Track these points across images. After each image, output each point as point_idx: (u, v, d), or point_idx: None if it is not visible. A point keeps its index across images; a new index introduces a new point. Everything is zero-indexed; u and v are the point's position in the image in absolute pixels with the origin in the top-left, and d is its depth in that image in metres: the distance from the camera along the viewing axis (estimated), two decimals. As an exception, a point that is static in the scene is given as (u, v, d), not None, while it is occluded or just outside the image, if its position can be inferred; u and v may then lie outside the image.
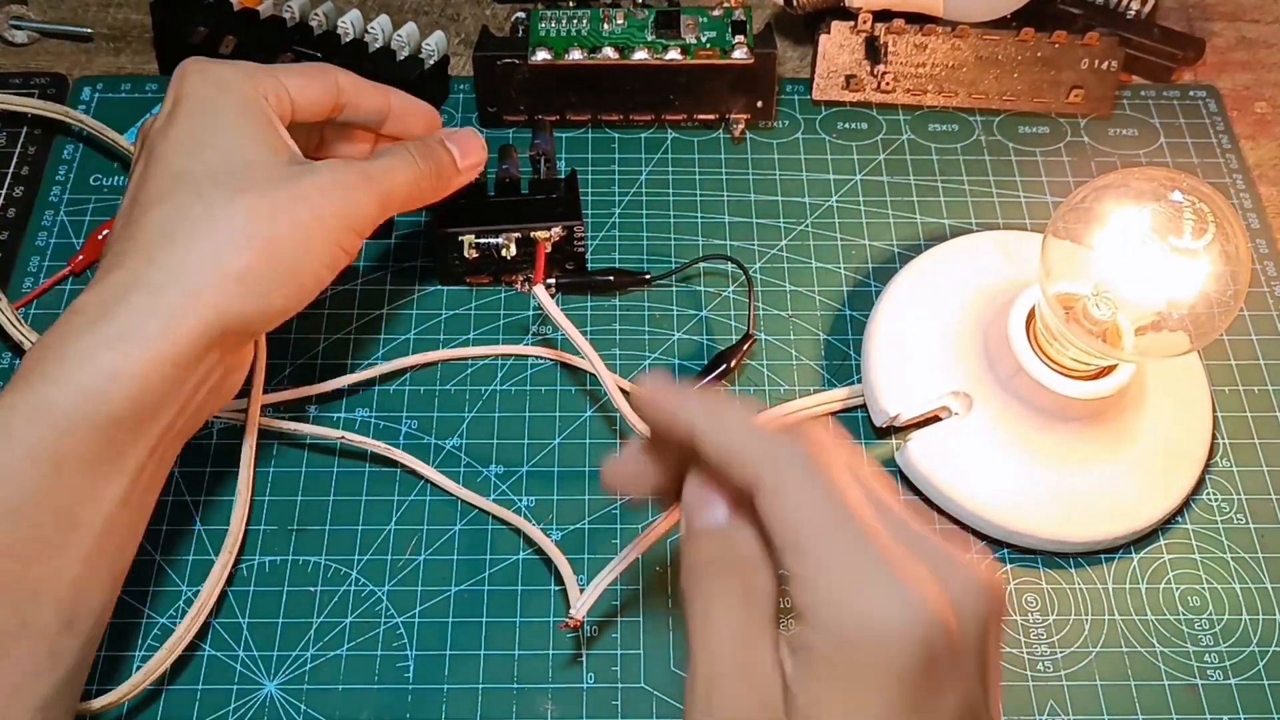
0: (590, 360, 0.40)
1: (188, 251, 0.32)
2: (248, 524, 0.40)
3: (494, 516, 0.41)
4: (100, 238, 0.47)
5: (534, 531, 0.40)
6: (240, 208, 0.33)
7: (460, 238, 0.44)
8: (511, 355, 0.45)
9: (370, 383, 0.44)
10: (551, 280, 0.45)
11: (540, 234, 0.44)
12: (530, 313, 0.46)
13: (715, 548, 0.27)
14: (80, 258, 0.47)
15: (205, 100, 0.35)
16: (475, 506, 0.41)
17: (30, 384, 0.30)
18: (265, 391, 0.42)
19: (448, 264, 0.45)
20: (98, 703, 0.36)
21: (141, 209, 0.34)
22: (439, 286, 0.47)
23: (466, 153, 0.40)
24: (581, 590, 0.38)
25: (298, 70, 0.38)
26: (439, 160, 0.39)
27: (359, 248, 0.37)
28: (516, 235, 0.44)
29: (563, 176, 0.46)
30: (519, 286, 0.42)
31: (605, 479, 0.30)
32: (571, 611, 0.36)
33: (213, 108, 0.35)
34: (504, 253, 0.44)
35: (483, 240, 0.44)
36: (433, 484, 0.42)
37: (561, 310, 0.46)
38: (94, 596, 0.32)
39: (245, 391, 0.41)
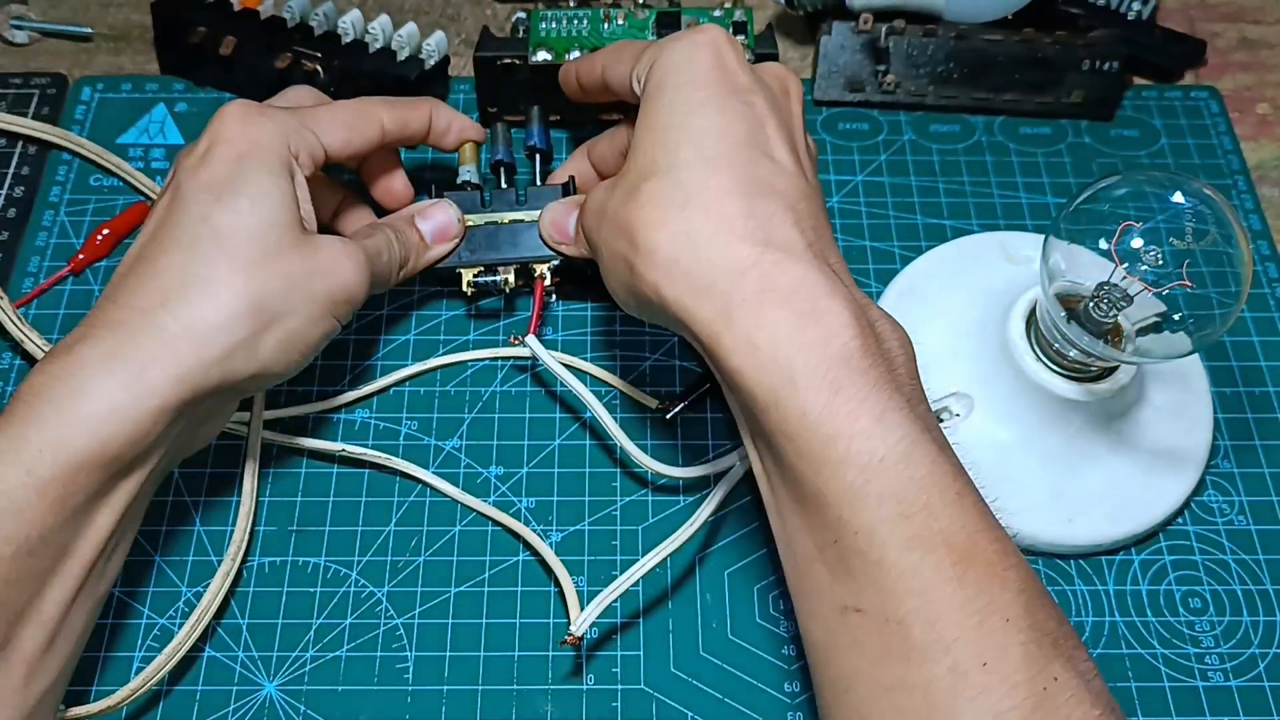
0: (592, 406, 0.39)
1: (202, 306, 0.33)
2: (252, 527, 0.40)
3: (493, 520, 0.41)
4: (99, 239, 0.47)
5: (534, 539, 0.40)
6: (259, 274, 0.34)
7: (458, 270, 0.43)
8: (512, 357, 0.45)
9: (370, 392, 0.44)
10: (551, 285, 0.44)
11: (540, 266, 0.43)
12: (529, 314, 0.45)
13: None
14: (80, 257, 0.47)
15: (239, 151, 0.35)
16: (475, 510, 0.41)
17: (44, 416, 0.31)
18: (266, 404, 0.42)
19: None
20: (97, 706, 0.36)
21: (161, 246, 0.34)
22: (440, 287, 0.47)
23: (438, 235, 0.42)
24: (581, 604, 0.37)
25: (341, 122, 0.39)
26: (410, 242, 0.41)
27: (350, 319, 0.38)
28: (515, 267, 0.43)
29: (561, 182, 0.45)
30: (511, 340, 0.41)
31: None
32: (572, 628, 0.36)
33: (244, 161, 0.35)
34: (504, 286, 0.43)
35: (481, 279, 0.43)
36: (433, 489, 0.42)
37: (562, 312, 0.46)
38: (77, 620, 0.32)
39: (246, 405, 0.41)
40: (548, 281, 0.43)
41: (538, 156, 0.46)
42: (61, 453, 0.30)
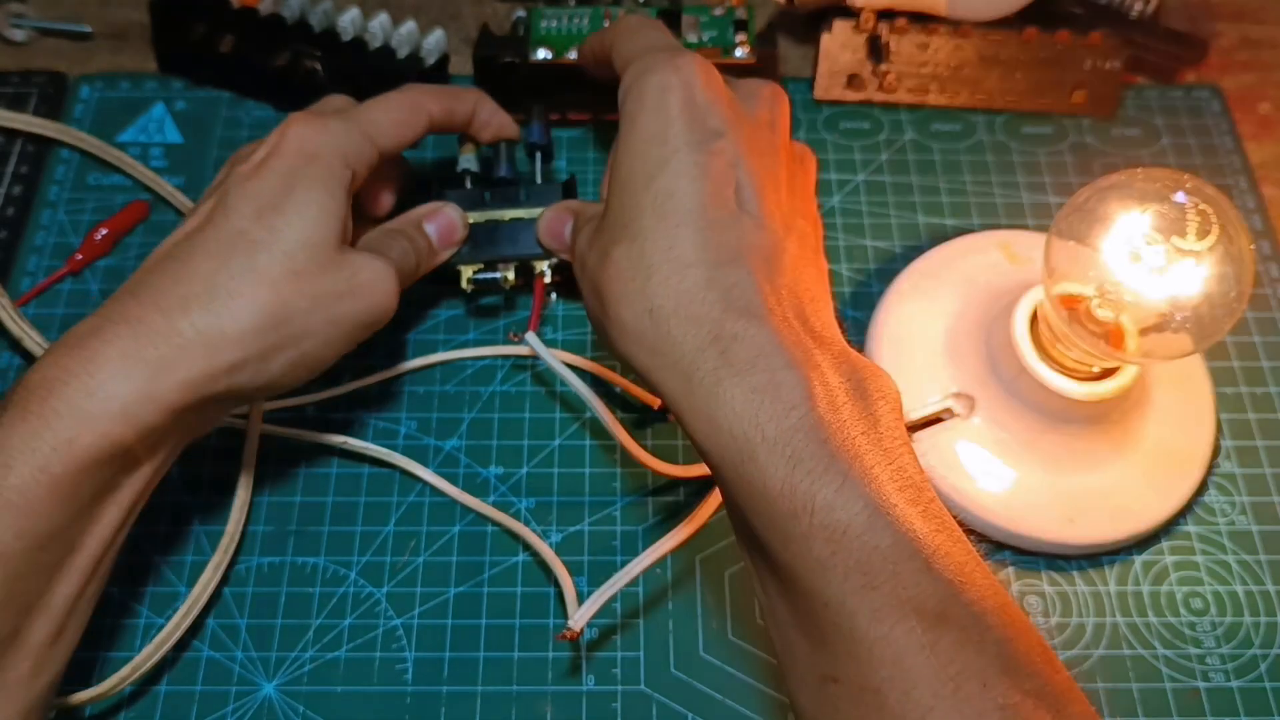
0: (591, 404, 0.39)
1: (221, 317, 0.33)
2: (246, 524, 0.40)
3: (493, 520, 0.41)
4: (98, 238, 0.47)
5: (533, 538, 0.40)
6: (284, 292, 0.34)
7: (458, 267, 0.43)
8: (512, 356, 0.45)
9: (369, 386, 0.44)
10: (551, 283, 0.44)
11: (540, 264, 0.43)
12: (529, 312, 0.45)
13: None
14: (79, 257, 0.47)
15: (293, 166, 0.35)
16: (475, 510, 0.41)
17: (59, 414, 0.31)
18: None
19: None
20: (92, 691, 0.36)
21: (193, 250, 0.34)
22: (438, 285, 0.46)
23: (444, 239, 0.42)
24: (580, 600, 0.37)
25: (394, 120, 0.39)
26: (421, 249, 0.41)
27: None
28: (515, 264, 0.43)
29: (562, 180, 0.45)
30: (511, 337, 0.41)
31: None
32: (570, 623, 0.36)
33: (295, 177, 0.35)
34: (504, 283, 0.43)
35: (481, 276, 0.43)
36: (432, 488, 0.42)
37: (562, 311, 0.46)
38: (81, 613, 0.33)
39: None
40: (548, 279, 0.43)
41: (538, 154, 0.45)
42: (75, 451, 0.30)
